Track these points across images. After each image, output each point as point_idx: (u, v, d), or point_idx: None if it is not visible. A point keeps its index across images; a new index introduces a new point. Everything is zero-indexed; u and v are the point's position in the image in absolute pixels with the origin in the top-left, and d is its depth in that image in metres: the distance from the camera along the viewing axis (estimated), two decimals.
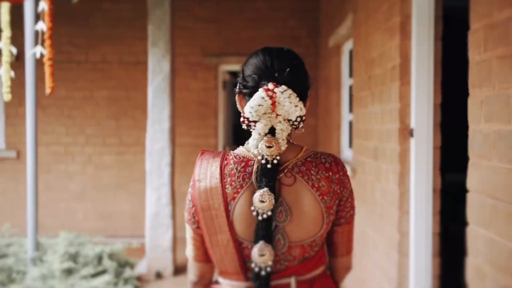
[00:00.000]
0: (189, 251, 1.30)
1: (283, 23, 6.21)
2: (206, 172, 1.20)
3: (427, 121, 2.63)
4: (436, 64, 2.63)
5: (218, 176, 1.18)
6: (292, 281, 1.21)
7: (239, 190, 1.18)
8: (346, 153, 4.63)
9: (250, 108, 1.15)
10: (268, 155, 1.16)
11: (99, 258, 4.10)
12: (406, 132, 2.70)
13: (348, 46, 4.54)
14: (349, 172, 3.89)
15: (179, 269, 4.77)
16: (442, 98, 2.66)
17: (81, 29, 6.23)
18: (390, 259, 2.83)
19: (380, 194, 3.08)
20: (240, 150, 1.24)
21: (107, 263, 4.04)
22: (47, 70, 3.68)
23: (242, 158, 1.20)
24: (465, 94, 1.84)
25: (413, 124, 2.66)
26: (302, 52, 5.90)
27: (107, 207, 6.27)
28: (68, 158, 6.28)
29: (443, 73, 2.67)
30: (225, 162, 1.20)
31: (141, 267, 4.67)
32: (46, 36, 3.69)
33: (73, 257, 4.02)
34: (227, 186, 1.18)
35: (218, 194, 1.18)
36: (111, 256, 4.19)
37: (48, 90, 3.68)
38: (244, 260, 1.20)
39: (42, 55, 3.71)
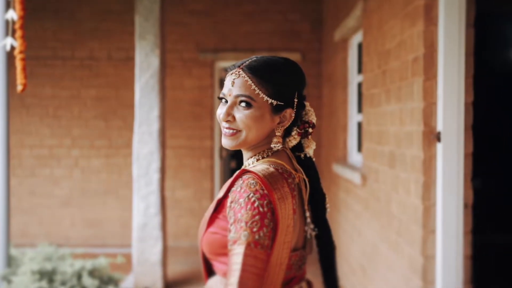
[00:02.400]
0: (254, 285, 1.05)
1: (283, 16, 5.78)
2: (283, 189, 1.13)
3: (457, 123, 2.20)
4: (467, 55, 2.21)
5: (289, 191, 1.15)
6: (303, 285, 1.25)
7: (296, 202, 1.17)
8: (354, 158, 4.21)
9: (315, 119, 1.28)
10: None
11: (79, 276, 3.67)
12: (432, 136, 2.27)
13: (356, 39, 4.11)
14: (358, 180, 3.48)
15: (170, 285, 4.35)
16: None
17: (66, 23, 5.81)
18: (412, 286, 2.40)
19: (397, 208, 2.65)
20: (273, 162, 1.20)
21: (87, 281, 3.60)
22: (18, 64, 3.26)
23: (287, 170, 1.19)
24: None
25: (440, 126, 2.23)
26: (304, 48, 5.49)
27: (95, 214, 5.85)
28: (53, 161, 5.85)
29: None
30: (285, 175, 1.17)
31: (128, 283, 4.24)
32: (17, 26, 3.26)
33: (49, 275, 3.59)
34: (294, 201, 1.16)
35: (291, 209, 1.14)
36: (92, 273, 3.76)
37: (19, 87, 3.24)
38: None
39: (13, 48, 3.28)
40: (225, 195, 1.18)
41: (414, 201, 2.38)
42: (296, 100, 1.21)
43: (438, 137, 2.23)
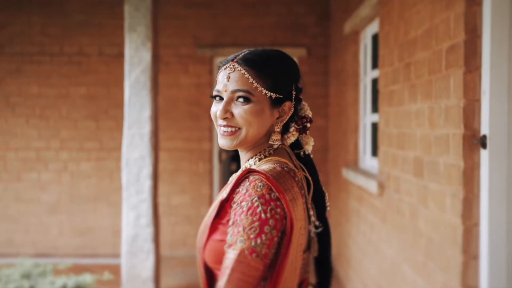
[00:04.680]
0: None
1: (287, 8, 5.37)
2: (293, 189, 1.06)
3: (507, 125, 1.79)
4: None
5: (298, 190, 1.08)
6: None
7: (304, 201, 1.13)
8: (368, 163, 3.79)
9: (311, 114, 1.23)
10: None
11: None
12: (474, 141, 1.86)
13: (370, 30, 3.70)
14: (375, 188, 3.07)
15: None
16: None
17: (54, 17, 5.40)
18: None
19: (426, 225, 2.24)
20: (277, 161, 1.13)
21: None
22: None
23: (292, 169, 1.12)
24: None
25: (485, 129, 1.82)
26: (310, 43, 5.06)
27: (85, 222, 5.44)
28: (41, 165, 5.45)
29: None
30: (292, 174, 1.10)
31: None
32: None
33: None
34: (303, 200, 1.11)
35: (303, 209, 1.09)
36: None
37: None
38: None
39: None
40: (229, 197, 1.09)
41: (451, 219, 1.97)
42: (294, 92, 1.17)
43: (482, 142, 1.83)
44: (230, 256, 0.99)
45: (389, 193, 2.86)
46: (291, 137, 1.20)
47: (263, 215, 1.00)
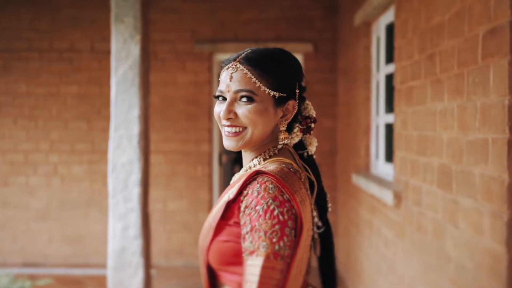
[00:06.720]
0: None
1: (292, 1, 5.00)
2: (301, 190, 1.07)
3: None
4: None
5: (305, 191, 1.10)
6: None
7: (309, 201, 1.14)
8: (381, 169, 3.41)
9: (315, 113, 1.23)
10: None
11: None
12: None
13: (384, 20, 3.32)
14: (390, 198, 2.69)
15: None
16: None
17: (43, 11, 5.08)
18: None
19: (456, 248, 1.87)
20: (282, 161, 1.11)
21: None
22: None
23: (297, 170, 1.11)
24: None
25: None
26: (316, 38, 4.65)
27: (77, 229, 5.11)
28: (29, 168, 5.12)
29: None
30: (298, 175, 1.10)
31: None
32: None
33: None
34: (310, 201, 1.13)
35: (310, 211, 1.11)
36: None
37: None
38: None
39: None
40: (236, 198, 1.07)
41: (490, 244, 1.60)
42: (297, 91, 1.15)
43: None
44: (255, 263, 0.97)
45: (407, 205, 2.48)
46: (295, 138, 1.19)
47: (281, 217, 0.99)
